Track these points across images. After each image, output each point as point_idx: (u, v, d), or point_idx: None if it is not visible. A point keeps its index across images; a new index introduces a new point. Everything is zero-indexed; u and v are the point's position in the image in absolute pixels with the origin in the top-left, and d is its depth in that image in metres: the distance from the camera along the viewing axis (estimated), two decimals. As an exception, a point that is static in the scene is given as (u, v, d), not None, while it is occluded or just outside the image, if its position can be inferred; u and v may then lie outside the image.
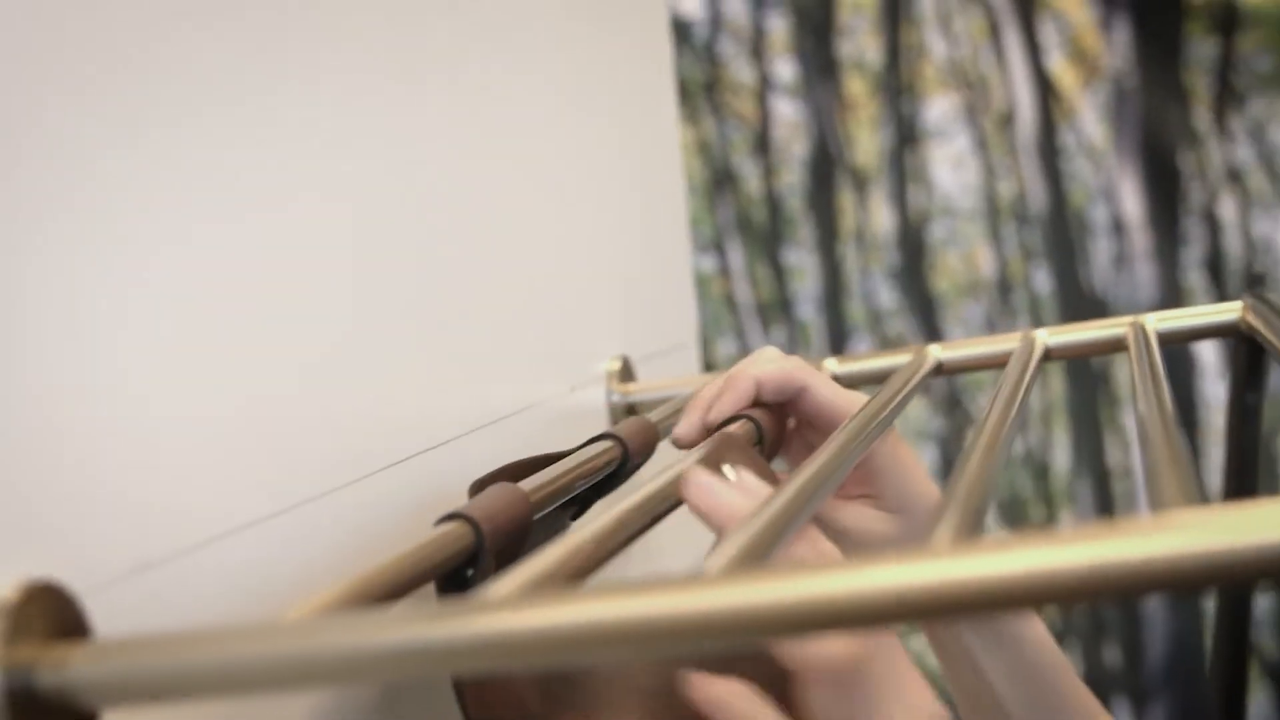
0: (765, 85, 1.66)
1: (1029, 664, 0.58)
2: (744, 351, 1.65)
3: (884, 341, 1.63)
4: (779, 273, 1.66)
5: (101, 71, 0.36)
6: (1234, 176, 1.55)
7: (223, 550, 0.39)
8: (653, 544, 0.78)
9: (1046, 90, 1.60)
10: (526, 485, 0.47)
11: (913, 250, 1.63)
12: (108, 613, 0.33)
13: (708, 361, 1.60)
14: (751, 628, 0.26)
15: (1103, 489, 1.57)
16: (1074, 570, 0.25)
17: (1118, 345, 0.65)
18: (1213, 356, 1.55)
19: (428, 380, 0.55)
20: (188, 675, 0.29)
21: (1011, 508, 1.60)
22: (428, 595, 0.42)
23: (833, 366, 0.71)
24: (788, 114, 1.66)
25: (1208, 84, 1.56)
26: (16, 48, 0.33)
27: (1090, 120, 1.59)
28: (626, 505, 0.40)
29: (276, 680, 0.28)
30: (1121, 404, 1.58)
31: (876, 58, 1.64)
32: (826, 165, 1.65)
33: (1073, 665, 0.61)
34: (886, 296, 1.64)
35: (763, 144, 1.66)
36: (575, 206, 0.75)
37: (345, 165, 0.49)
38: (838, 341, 1.64)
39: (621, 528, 0.38)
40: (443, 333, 0.56)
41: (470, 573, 0.43)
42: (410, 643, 0.27)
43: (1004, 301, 1.61)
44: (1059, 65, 1.59)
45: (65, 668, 0.29)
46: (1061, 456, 1.59)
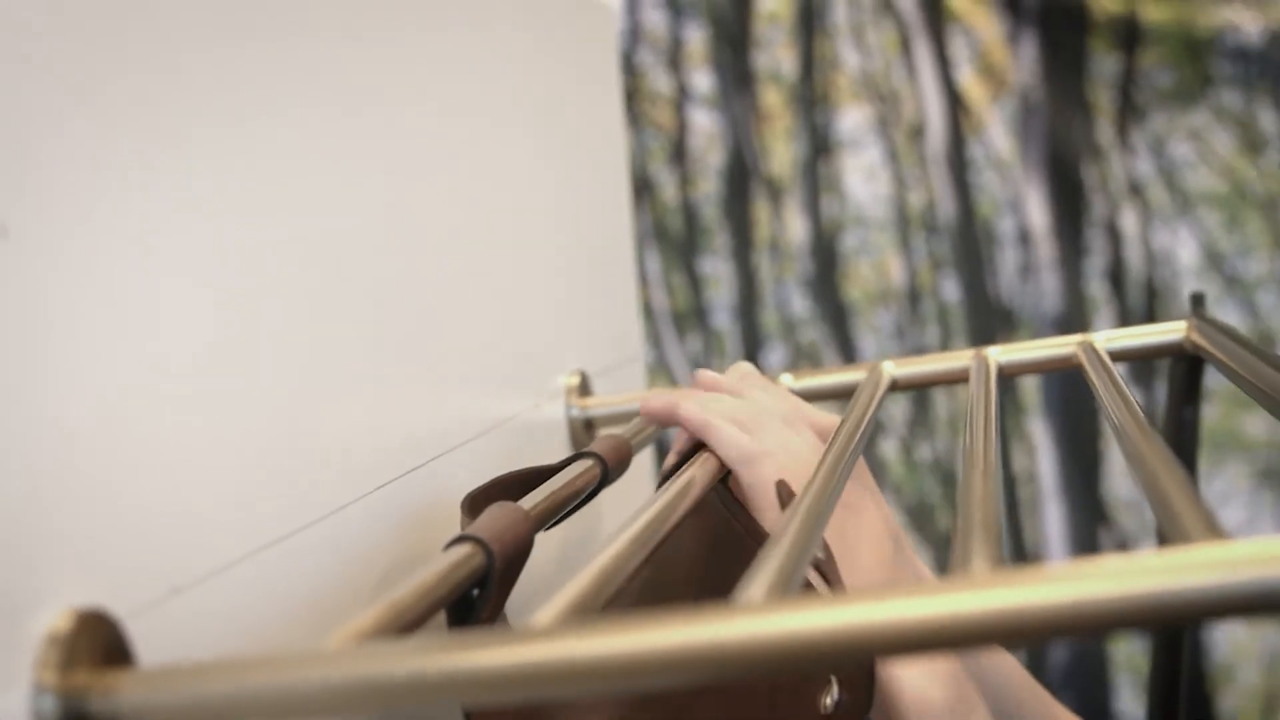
0: (683, 95, 1.68)
1: (991, 687, 0.60)
2: (660, 360, 1.67)
3: (797, 350, 1.66)
4: (694, 281, 1.68)
5: (121, 83, 0.36)
6: (1135, 189, 1.59)
7: (230, 575, 0.40)
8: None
9: (956, 103, 1.63)
10: (525, 504, 0.47)
11: (825, 259, 1.66)
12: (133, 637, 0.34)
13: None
14: (805, 656, 0.27)
15: (1009, 494, 1.60)
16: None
17: (1068, 363, 0.68)
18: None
19: (402, 399, 0.55)
20: (235, 702, 0.30)
21: (919, 513, 1.63)
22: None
23: (789, 382, 0.74)
24: (704, 124, 1.68)
25: (1111, 98, 1.59)
26: None
27: (998, 133, 1.62)
28: (639, 526, 0.41)
29: (325, 707, 0.29)
30: (1027, 412, 1.61)
31: (792, 69, 1.67)
32: (742, 175, 1.67)
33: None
34: (799, 305, 1.66)
35: (679, 153, 1.68)
36: (530, 223, 0.75)
37: (296, 186, 0.48)
38: (751, 350, 1.66)
39: (640, 548, 0.39)
40: (410, 350, 0.57)
41: (475, 593, 0.43)
42: (466, 669, 0.28)
43: (913, 310, 1.64)
44: (968, 79, 1.62)
45: (115, 695, 0.30)
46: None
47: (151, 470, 0.36)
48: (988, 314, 1.62)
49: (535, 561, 0.47)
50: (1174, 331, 0.67)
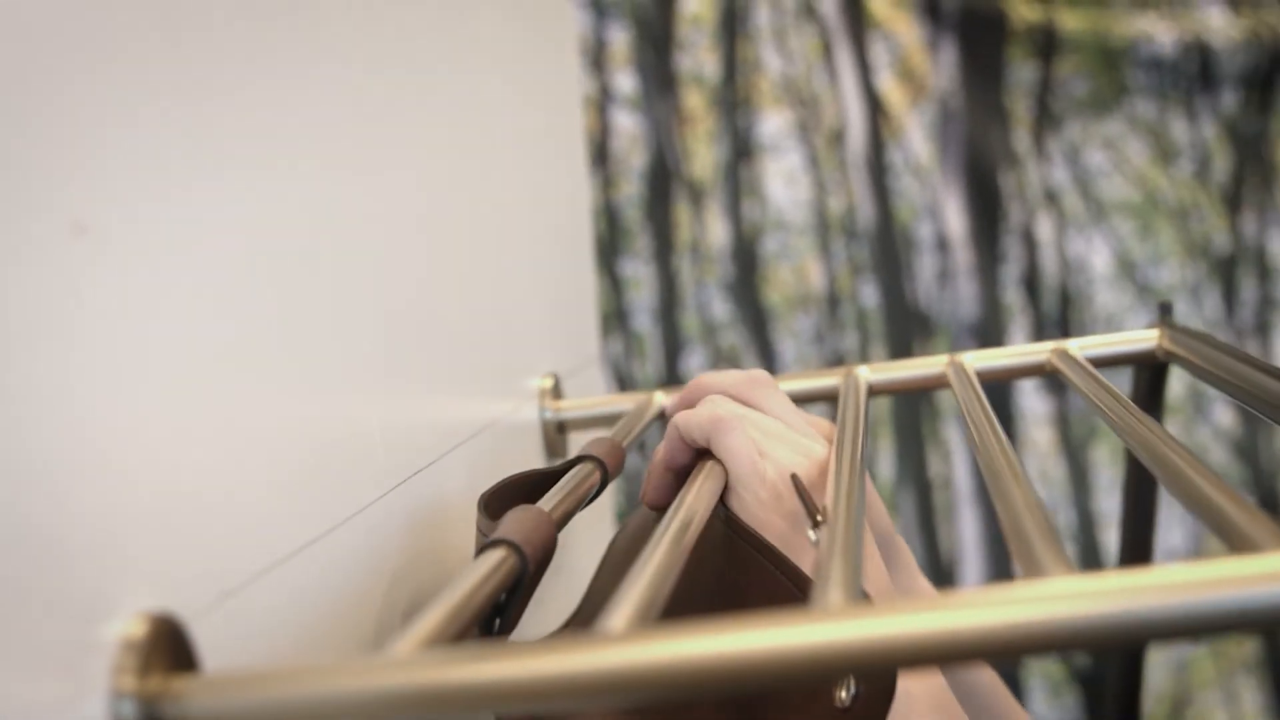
0: (605, 97, 1.67)
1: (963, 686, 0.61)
2: (580, 361, 1.66)
3: (717, 353, 1.65)
4: (615, 283, 1.67)
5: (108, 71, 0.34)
6: (1051, 197, 1.60)
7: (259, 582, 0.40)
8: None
9: (876, 108, 1.63)
10: (544, 506, 0.47)
11: (746, 263, 1.66)
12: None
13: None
14: (884, 657, 0.29)
15: (924, 499, 1.61)
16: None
17: (1039, 370, 0.70)
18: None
19: (402, 403, 0.55)
20: (307, 708, 0.30)
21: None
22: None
23: None
24: (627, 126, 1.67)
25: (1028, 106, 1.60)
26: None
27: (917, 139, 1.62)
28: (670, 537, 0.42)
29: (398, 713, 0.30)
30: (943, 417, 1.62)
31: (714, 72, 1.66)
32: (664, 178, 1.67)
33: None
34: (720, 308, 1.66)
35: (602, 155, 1.67)
36: (503, 225, 0.75)
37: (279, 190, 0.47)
38: (672, 353, 1.66)
39: (676, 558, 0.40)
40: (400, 352, 0.56)
41: (503, 597, 0.43)
42: (544, 675, 0.29)
43: (833, 315, 1.64)
44: (888, 84, 1.63)
45: (186, 700, 0.31)
46: (885, 467, 1.63)
47: (198, 473, 0.37)
48: (905, 320, 1.63)
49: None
50: (1146, 339, 0.69)
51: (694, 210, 1.66)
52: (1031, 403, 1.59)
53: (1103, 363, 0.69)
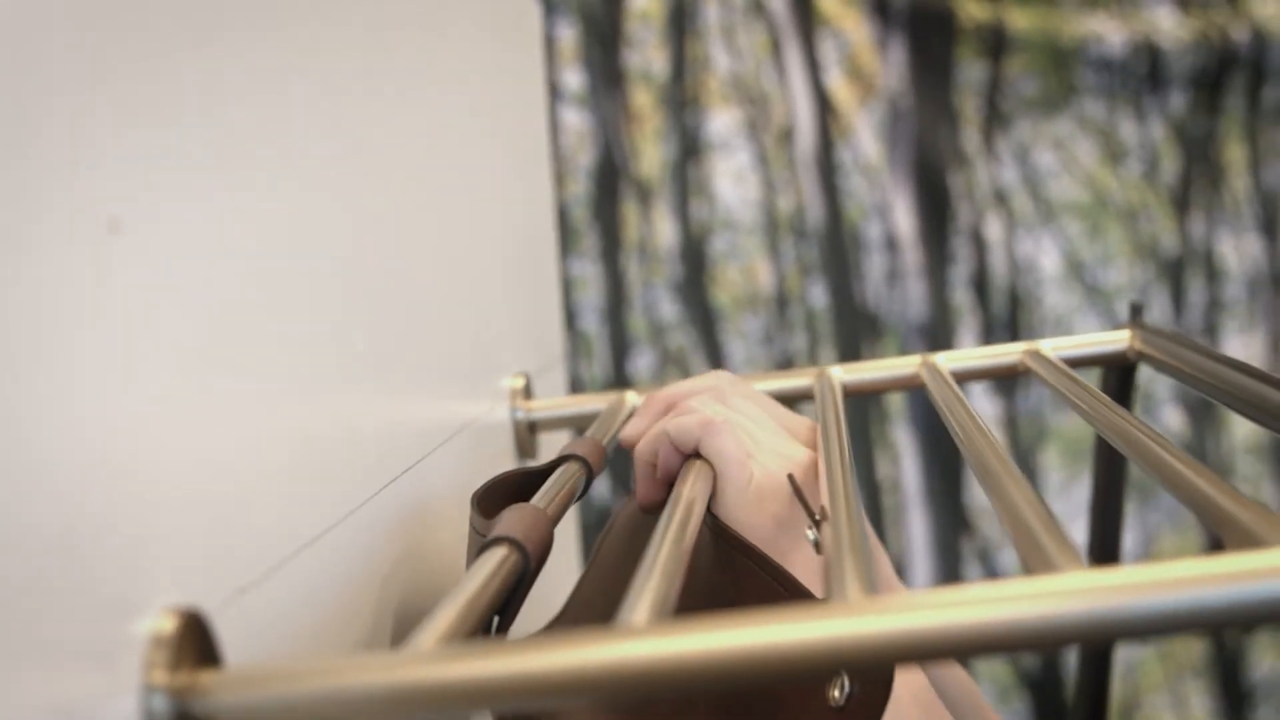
0: (553, 94, 1.65)
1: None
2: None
3: (665, 354, 1.63)
4: (562, 283, 1.64)
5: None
6: (1000, 197, 1.59)
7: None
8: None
9: (825, 107, 1.62)
10: (538, 504, 0.48)
11: (694, 263, 1.64)
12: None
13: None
14: (906, 650, 0.29)
15: (873, 502, 1.60)
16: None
17: (1011, 371, 0.70)
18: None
19: (387, 403, 0.56)
20: (329, 703, 0.31)
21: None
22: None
23: None
24: (574, 123, 1.65)
25: (977, 106, 1.59)
26: None
27: (866, 138, 1.61)
28: (673, 534, 0.43)
29: (423, 708, 0.31)
30: (892, 419, 1.60)
31: (662, 69, 1.64)
32: (611, 176, 1.64)
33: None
34: (668, 309, 1.63)
35: (549, 153, 1.64)
36: (476, 225, 0.75)
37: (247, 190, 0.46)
38: (619, 354, 1.64)
39: (681, 553, 0.41)
40: (384, 353, 0.56)
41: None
42: (570, 668, 0.30)
43: (781, 315, 1.62)
44: (837, 82, 1.61)
45: (214, 695, 0.32)
46: (834, 470, 1.61)
47: (213, 470, 0.37)
48: (854, 320, 1.61)
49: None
50: (1117, 341, 0.69)
51: (642, 209, 1.64)
52: (980, 405, 1.58)
53: (1074, 364, 0.69)
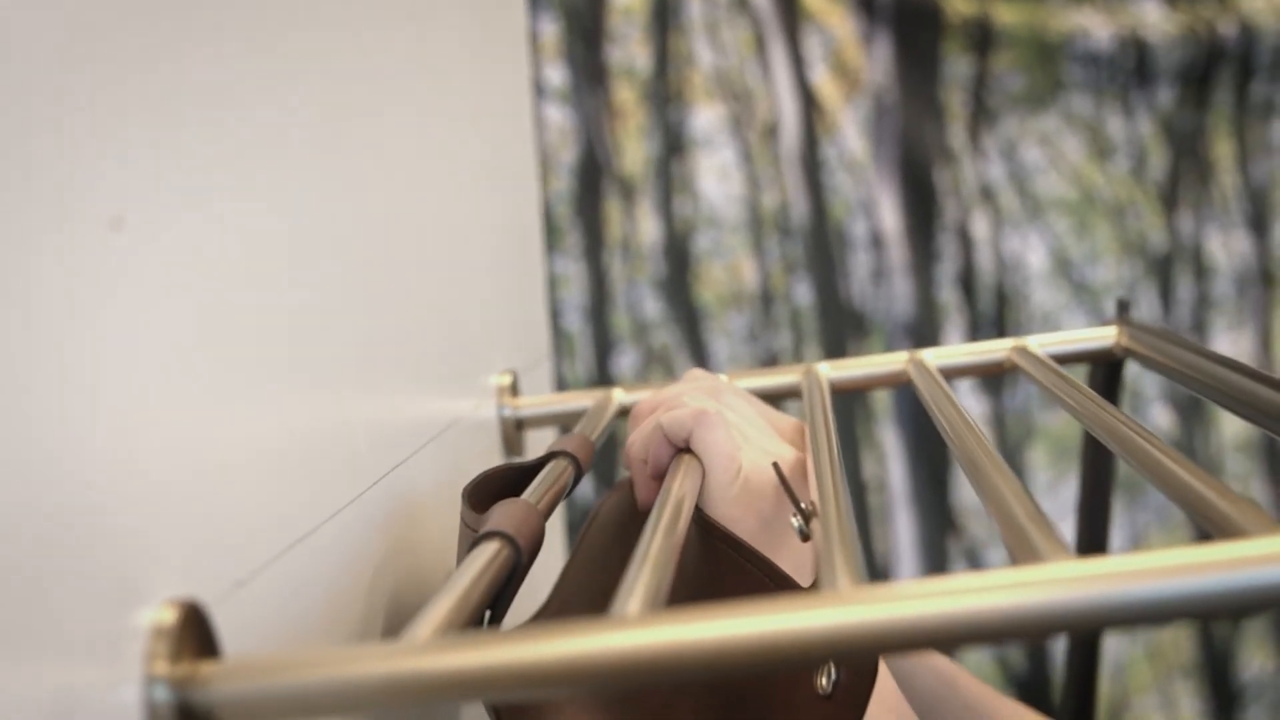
0: (535, 90, 1.63)
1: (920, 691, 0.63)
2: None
3: (649, 353, 1.61)
4: (545, 281, 1.62)
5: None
6: (986, 194, 1.57)
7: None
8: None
9: (810, 103, 1.60)
10: (530, 500, 0.49)
11: (678, 261, 1.62)
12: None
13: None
14: (898, 639, 0.30)
15: (859, 501, 1.58)
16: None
17: (998, 368, 0.70)
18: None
19: (376, 399, 0.56)
20: (327, 692, 0.31)
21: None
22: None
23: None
24: (556, 120, 1.63)
25: (963, 101, 1.58)
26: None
27: (851, 134, 1.59)
28: (664, 527, 0.43)
29: (420, 699, 0.31)
30: (878, 419, 1.59)
31: (645, 65, 1.62)
32: (594, 173, 1.62)
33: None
34: (651, 307, 1.62)
35: (534, 149, 1.63)
36: (466, 221, 0.75)
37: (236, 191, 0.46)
38: (603, 353, 1.62)
39: (672, 546, 0.41)
40: (376, 349, 0.57)
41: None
42: (567, 657, 0.30)
43: (766, 313, 1.61)
44: (822, 78, 1.60)
45: (214, 685, 0.32)
46: (820, 470, 1.59)
47: (210, 465, 0.37)
48: (840, 318, 1.59)
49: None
50: (1104, 337, 0.69)
51: (625, 206, 1.62)
52: (967, 404, 1.56)
53: (1061, 360, 0.69)
